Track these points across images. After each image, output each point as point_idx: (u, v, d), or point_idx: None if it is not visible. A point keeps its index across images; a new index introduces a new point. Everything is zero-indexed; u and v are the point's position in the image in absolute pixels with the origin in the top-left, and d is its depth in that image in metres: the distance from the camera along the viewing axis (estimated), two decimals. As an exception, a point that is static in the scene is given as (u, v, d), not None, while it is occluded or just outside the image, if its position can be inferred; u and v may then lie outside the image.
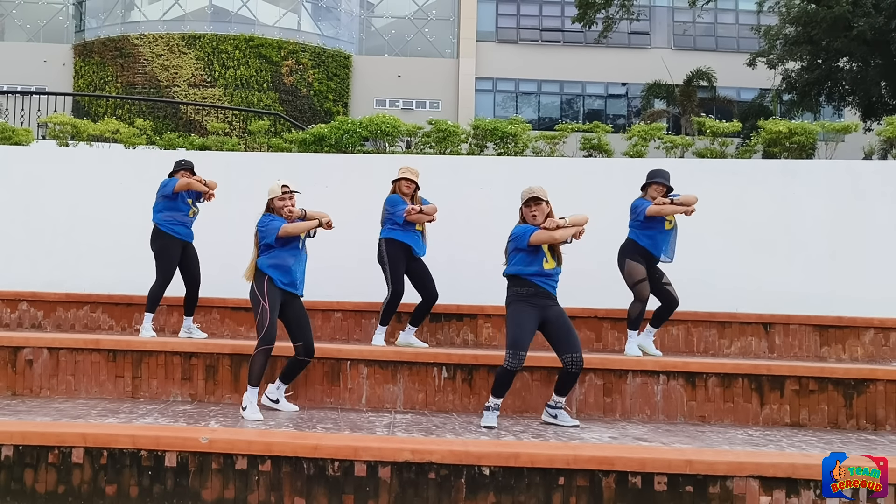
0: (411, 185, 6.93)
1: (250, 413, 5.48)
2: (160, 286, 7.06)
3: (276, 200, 5.68)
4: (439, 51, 29.99)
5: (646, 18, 29.09)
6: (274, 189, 5.70)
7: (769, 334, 7.61)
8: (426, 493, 4.47)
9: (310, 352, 5.75)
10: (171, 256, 7.04)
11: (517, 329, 5.32)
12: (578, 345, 5.43)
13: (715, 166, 9.50)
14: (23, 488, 4.61)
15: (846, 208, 8.58)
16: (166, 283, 7.07)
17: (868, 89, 19.84)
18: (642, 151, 11.02)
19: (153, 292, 7.07)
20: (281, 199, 5.67)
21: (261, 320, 5.53)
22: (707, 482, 4.39)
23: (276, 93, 26.41)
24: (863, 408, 6.02)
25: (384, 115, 11.43)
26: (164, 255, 7.04)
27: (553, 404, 5.59)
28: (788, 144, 10.70)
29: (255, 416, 5.46)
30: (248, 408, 5.51)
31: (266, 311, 5.51)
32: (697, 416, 6.06)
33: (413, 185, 6.94)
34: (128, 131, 12.22)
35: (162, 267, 7.05)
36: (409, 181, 6.91)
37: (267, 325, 5.50)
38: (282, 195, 5.67)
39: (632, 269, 6.78)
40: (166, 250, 7.03)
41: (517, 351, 5.27)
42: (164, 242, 7.04)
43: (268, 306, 5.52)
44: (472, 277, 7.90)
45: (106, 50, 26.97)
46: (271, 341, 5.53)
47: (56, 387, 6.29)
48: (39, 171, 9.25)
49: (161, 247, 7.05)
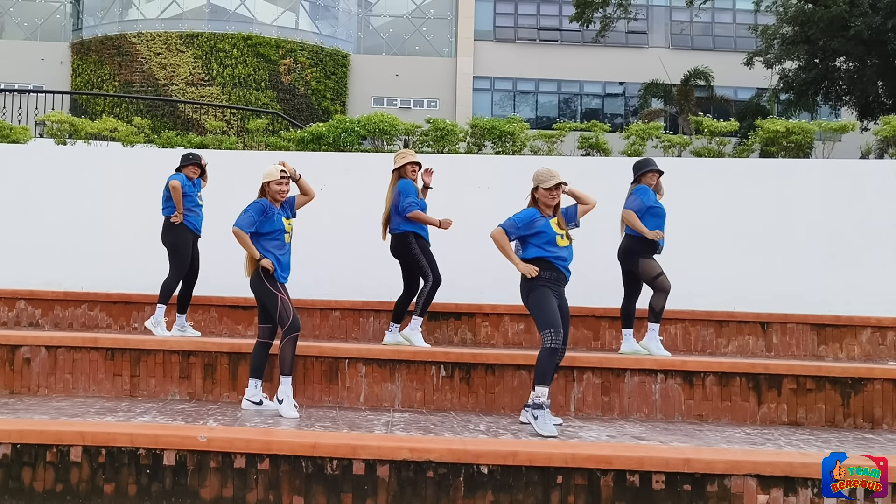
0: (416, 167, 6.90)
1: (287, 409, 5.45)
2: (175, 278, 7.07)
3: (273, 184, 5.68)
4: (437, 50, 29.99)
5: (643, 18, 29.11)
6: (272, 172, 5.69)
7: (767, 333, 7.63)
8: (425, 492, 4.47)
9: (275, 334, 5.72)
10: (186, 247, 7.08)
11: (547, 310, 5.26)
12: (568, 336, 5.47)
13: (712, 165, 9.52)
14: (21, 487, 4.60)
15: (843, 207, 8.60)
16: (182, 273, 7.08)
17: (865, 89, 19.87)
18: (640, 150, 11.03)
19: (168, 284, 7.07)
20: (278, 184, 5.68)
21: (283, 310, 5.52)
22: (705, 481, 4.40)
23: (274, 91, 26.39)
24: (860, 407, 6.03)
25: (382, 114, 11.43)
26: (178, 247, 7.05)
27: None
28: (786, 144, 10.72)
29: (292, 412, 5.44)
30: (285, 402, 5.48)
31: (284, 301, 5.53)
32: (695, 414, 6.07)
33: (418, 166, 6.91)
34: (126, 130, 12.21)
35: (177, 259, 7.05)
36: (413, 164, 6.87)
37: (291, 312, 5.52)
38: (279, 179, 5.68)
39: (647, 267, 6.79)
40: (181, 242, 7.06)
41: (556, 328, 5.19)
42: (179, 233, 7.05)
43: (284, 296, 5.55)
44: (469, 276, 7.91)
45: (104, 48, 26.93)
46: (299, 328, 5.56)
47: (54, 385, 6.28)
48: (37, 170, 9.25)
49: (175, 238, 7.06)
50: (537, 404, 5.15)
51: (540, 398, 5.14)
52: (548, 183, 5.34)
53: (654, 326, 6.82)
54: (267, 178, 5.69)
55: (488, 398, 6.13)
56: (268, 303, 5.59)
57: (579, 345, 7.57)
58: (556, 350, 5.20)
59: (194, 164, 7.21)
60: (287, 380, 5.51)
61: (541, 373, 5.17)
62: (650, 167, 6.95)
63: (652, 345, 6.80)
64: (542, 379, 5.16)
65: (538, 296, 5.33)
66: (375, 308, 7.72)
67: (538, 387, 5.17)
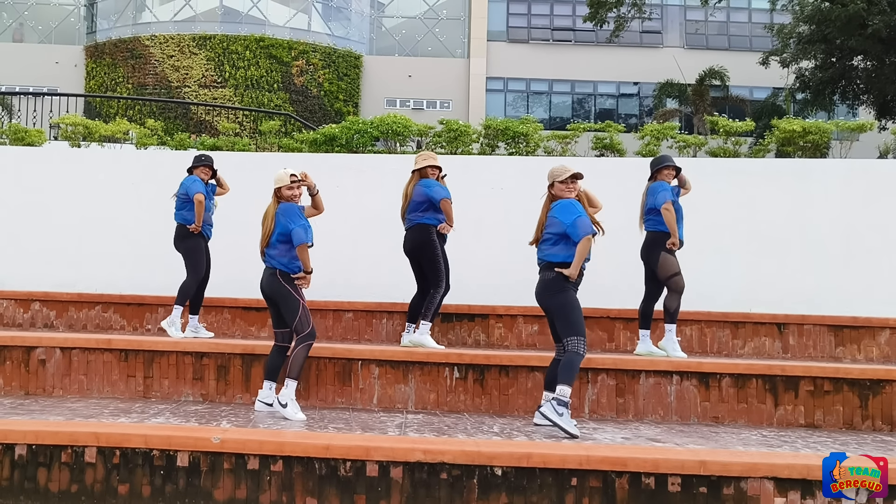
0: (436, 170, 6.90)
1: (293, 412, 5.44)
2: (193, 281, 7.12)
3: (285, 190, 5.65)
4: (450, 50, 29.99)
5: (658, 17, 28.96)
6: (282, 178, 5.66)
7: (783, 334, 7.55)
8: (438, 494, 4.45)
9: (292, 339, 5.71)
10: (200, 251, 7.14)
11: (581, 317, 5.29)
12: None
13: (728, 166, 9.46)
14: (36, 487, 4.62)
15: (861, 208, 8.51)
16: (199, 277, 7.15)
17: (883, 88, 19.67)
18: (655, 151, 10.97)
19: (186, 286, 7.12)
20: (289, 189, 5.66)
21: (304, 316, 5.53)
22: (721, 483, 4.35)
23: (287, 93, 26.47)
24: (878, 409, 5.96)
25: (395, 115, 11.43)
26: (193, 253, 7.12)
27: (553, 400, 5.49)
28: (802, 144, 10.64)
29: (299, 414, 5.45)
30: (290, 405, 5.47)
31: (306, 308, 5.57)
32: (711, 416, 6.02)
33: (438, 170, 6.91)
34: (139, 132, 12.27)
35: (193, 264, 7.12)
36: (434, 167, 6.87)
37: (310, 320, 5.56)
38: (290, 184, 5.66)
39: (666, 263, 6.72)
40: (196, 247, 7.12)
41: (584, 336, 5.25)
42: (193, 240, 7.10)
43: (305, 302, 5.59)
44: (483, 278, 7.88)
45: (117, 51, 27.11)
46: (315, 336, 5.59)
47: (68, 386, 6.31)
48: (52, 172, 9.30)
49: (189, 245, 7.12)
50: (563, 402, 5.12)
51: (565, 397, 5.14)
52: (563, 175, 5.33)
53: (671, 327, 6.76)
54: (278, 183, 5.67)
55: (502, 400, 6.10)
56: (290, 306, 5.55)
57: (594, 346, 7.52)
58: (583, 356, 5.25)
59: (206, 164, 7.22)
60: (293, 384, 5.51)
61: (572, 373, 5.18)
62: (666, 163, 6.89)
63: (669, 346, 6.75)
64: (572, 378, 5.18)
65: (572, 300, 5.32)
66: (388, 309, 7.70)
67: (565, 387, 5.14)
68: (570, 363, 5.20)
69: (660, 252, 6.74)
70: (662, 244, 6.73)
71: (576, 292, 5.35)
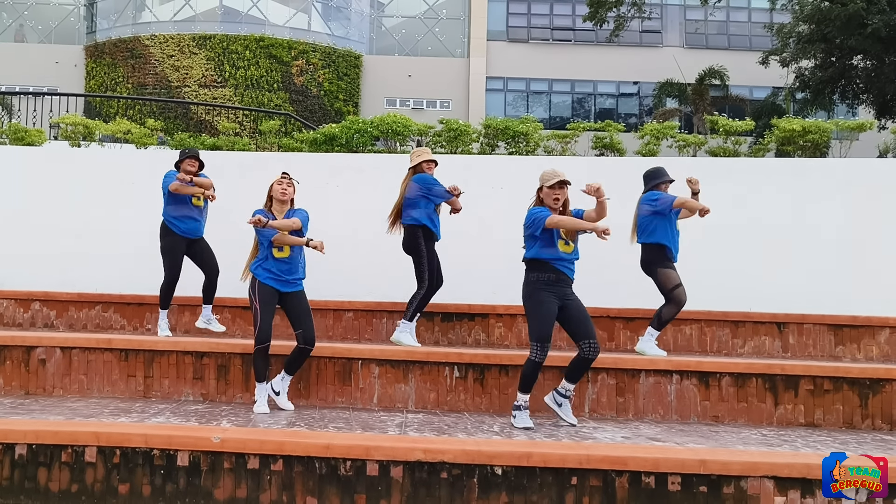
0: (432, 165, 6.93)
1: (258, 406, 5.70)
2: (168, 283, 7.07)
3: (275, 185, 5.86)
4: (450, 50, 29.98)
5: (657, 17, 28.97)
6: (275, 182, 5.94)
7: (783, 334, 7.55)
8: (438, 493, 4.45)
9: (309, 340, 5.77)
10: (175, 253, 7.03)
11: (542, 321, 5.28)
12: (595, 331, 5.41)
13: (728, 165, 9.45)
14: (36, 487, 4.62)
15: (861, 207, 8.51)
16: (173, 280, 7.07)
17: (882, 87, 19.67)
18: (655, 150, 10.98)
19: (161, 290, 7.10)
20: (279, 183, 5.86)
21: (254, 320, 5.75)
22: (721, 482, 4.36)
23: (287, 93, 26.47)
24: (878, 408, 5.96)
25: (395, 115, 11.44)
26: (167, 253, 7.05)
27: (563, 392, 5.52)
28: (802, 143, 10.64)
29: (262, 409, 5.68)
30: (258, 402, 5.73)
31: (257, 311, 5.70)
32: (711, 415, 6.02)
33: (434, 164, 6.95)
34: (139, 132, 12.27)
35: (166, 264, 7.05)
36: (430, 162, 6.92)
37: (259, 324, 5.68)
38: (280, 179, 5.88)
39: (665, 277, 6.66)
40: (169, 247, 7.04)
41: (544, 343, 5.25)
42: (169, 239, 7.05)
43: (258, 306, 5.70)
44: (483, 277, 7.88)
45: (117, 51, 27.11)
46: (264, 340, 5.68)
47: (69, 386, 6.31)
48: (52, 172, 9.30)
49: (165, 244, 7.06)
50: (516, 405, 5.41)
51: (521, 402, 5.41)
52: (550, 181, 5.33)
53: (653, 332, 6.72)
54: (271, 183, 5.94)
55: (502, 399, 6.10)
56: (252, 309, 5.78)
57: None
58: (540, 365, 5.30)
59: (191, 156, 7.08)
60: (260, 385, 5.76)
61: (525, 381, 5.37)
62: (662, 178, 6.83)
63: (647, 347, 6.70)
64: (526, 386, 5.38)
65: (535, 302, 5.33)
66: (388, 309, 7.70)
67: (520, 394, 5.40)
68: (524, 371, 5.37)
69: (657, 268, 6.72)
70: (659, 258, 6.70)
71: (549, 294, 5.30)
